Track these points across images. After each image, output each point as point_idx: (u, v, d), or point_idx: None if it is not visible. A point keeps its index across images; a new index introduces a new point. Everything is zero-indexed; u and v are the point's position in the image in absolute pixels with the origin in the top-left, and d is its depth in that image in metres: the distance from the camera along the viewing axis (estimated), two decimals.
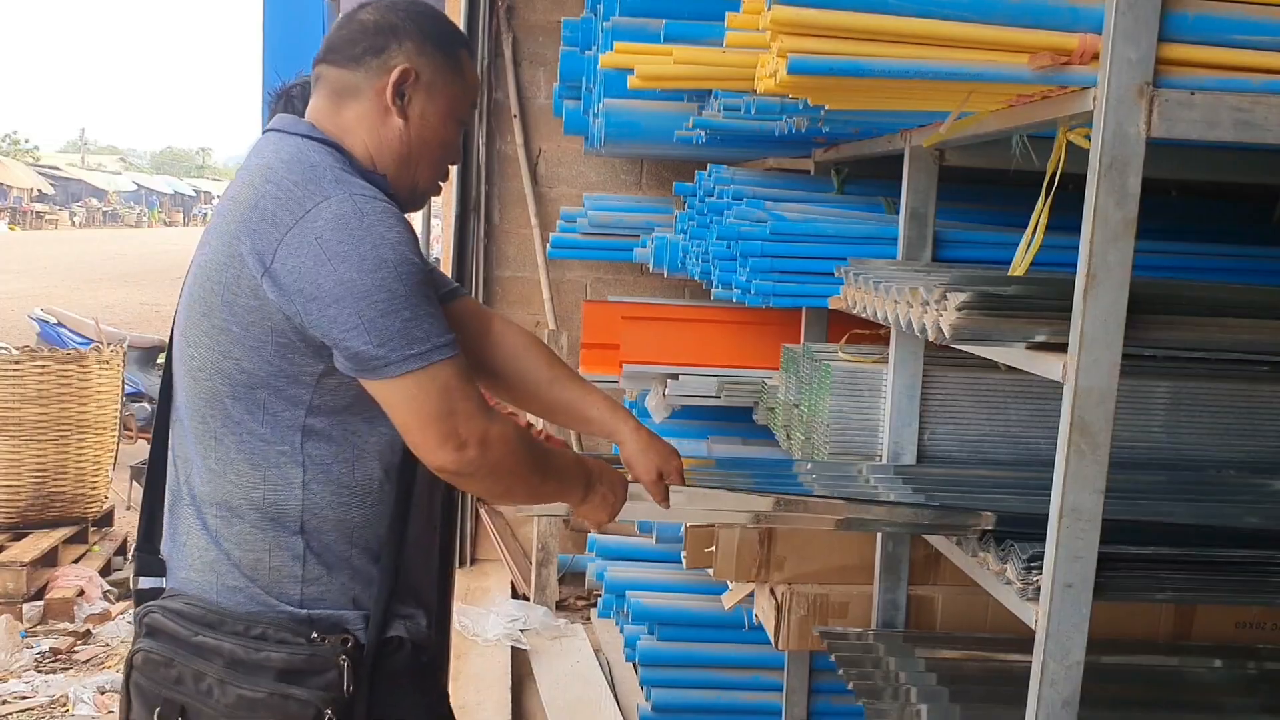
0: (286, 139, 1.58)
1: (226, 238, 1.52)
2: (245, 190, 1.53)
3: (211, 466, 1.57)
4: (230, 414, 1.55)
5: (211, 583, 1.58)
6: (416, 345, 1.47)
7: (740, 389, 3.18)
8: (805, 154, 3.11)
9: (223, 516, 1.58)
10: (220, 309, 1.52)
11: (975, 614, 2.48)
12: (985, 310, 1.68)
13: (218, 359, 1.53)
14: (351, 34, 1.62)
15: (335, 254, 1.44)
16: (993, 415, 2.33)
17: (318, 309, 1.45)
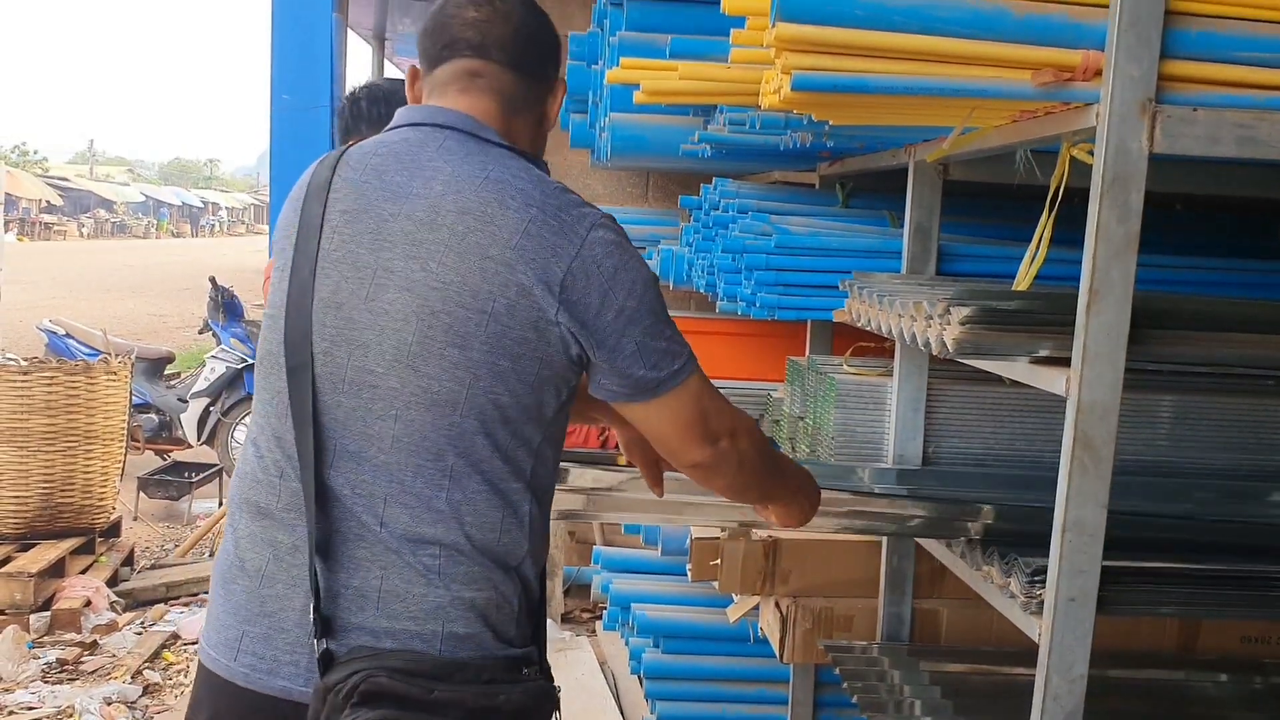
0: (488, 149, 1.49)
1: (487, 262, 1.41)
2: (488, 208, 1.42)
3: (440, 507, 1.45)
4: (478, 452, 1.45)
5: (437, 631, 1.45)
6: (678, 360, 1.49)
7: (745, 401, 3.18)
8: (810, 168, 3.12)
9: (449, 557, 1.45)
10: (483, 341, 1.41)
11: (980, 627, 2.48)
12: (989, 324, 1.69)
13: (474, 394, 1.43)
14: (527, 38, 1.55)
15: (614, 282, 1.44)
16: (997, 429, 2.34)
17: (610, 339, 1.45)
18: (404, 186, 1.45)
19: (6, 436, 5.29)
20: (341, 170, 1.50)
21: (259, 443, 1.52)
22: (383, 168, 1.47)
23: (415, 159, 1.47)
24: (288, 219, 1.54)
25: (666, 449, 1.55)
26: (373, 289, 1.44)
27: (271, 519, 1.49)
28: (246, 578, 1.49)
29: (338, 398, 1.45)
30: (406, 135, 1.50)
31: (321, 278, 1.46)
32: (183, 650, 4.56)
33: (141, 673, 4.28)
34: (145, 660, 4.38)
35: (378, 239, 1.44)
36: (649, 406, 1.50)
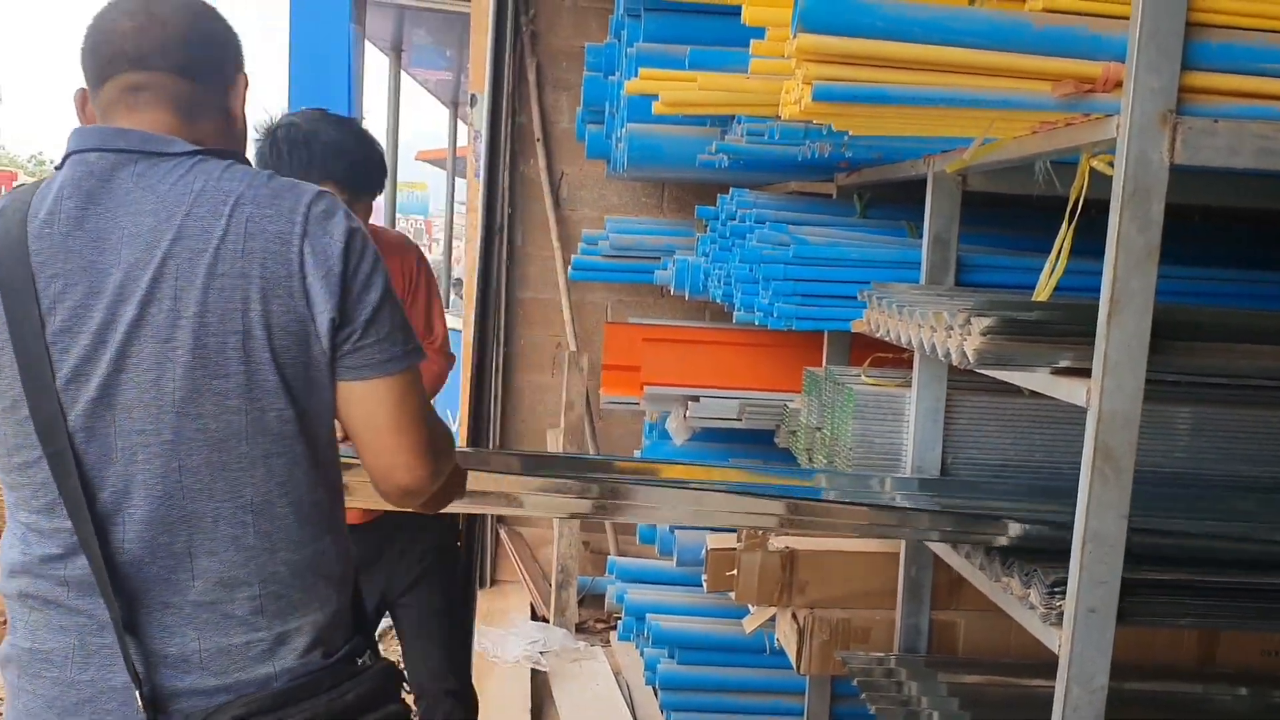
0: (182, 162, 1.39)
1: (222, 280, 1.34)
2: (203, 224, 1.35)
3: (250, 544, 1.41)
4: (275, 475, 1.42)
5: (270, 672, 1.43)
6: (410, 341, 1.49)
7: (762, 412, 3.19)
8: (828, 178, 3.12)
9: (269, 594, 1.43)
10: (244, 362, 1.36)
11: (998, 639, 2.48)
12: (1009, 335, 1.69)
13: (253, 419, 1.39)
14: (190, 40, 1.43)
15: (349, 251, 1.42)
16: (1016, 440, 2.33)
17: (360, 308, 1.43)
18: (112, 232, 1.34)
19: None
20: (34, 227, 1.35)
21: (28, 538, 1.40)
22: (81, 217, 1.35)
23: (112, 197, 1.35)
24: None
25: (383, 453, 1.44)
26: (118, 347, 1.33)
27: (62, 605, 1.39)
28: (54, 667, 1.39)
29: (111, 470, 1.35)
30: (92, 168, 1.37)
31: (57, 353, 1.33)
32: None
33: None
34: None
35: (103, 295, 1.33)
36: (379, 386, 1.41)
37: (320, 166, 2.34)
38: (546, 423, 4.98)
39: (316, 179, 2.32)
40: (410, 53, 8.77)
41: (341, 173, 2.35)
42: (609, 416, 4.88)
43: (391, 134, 9.04)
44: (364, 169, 2.40)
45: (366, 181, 2.41)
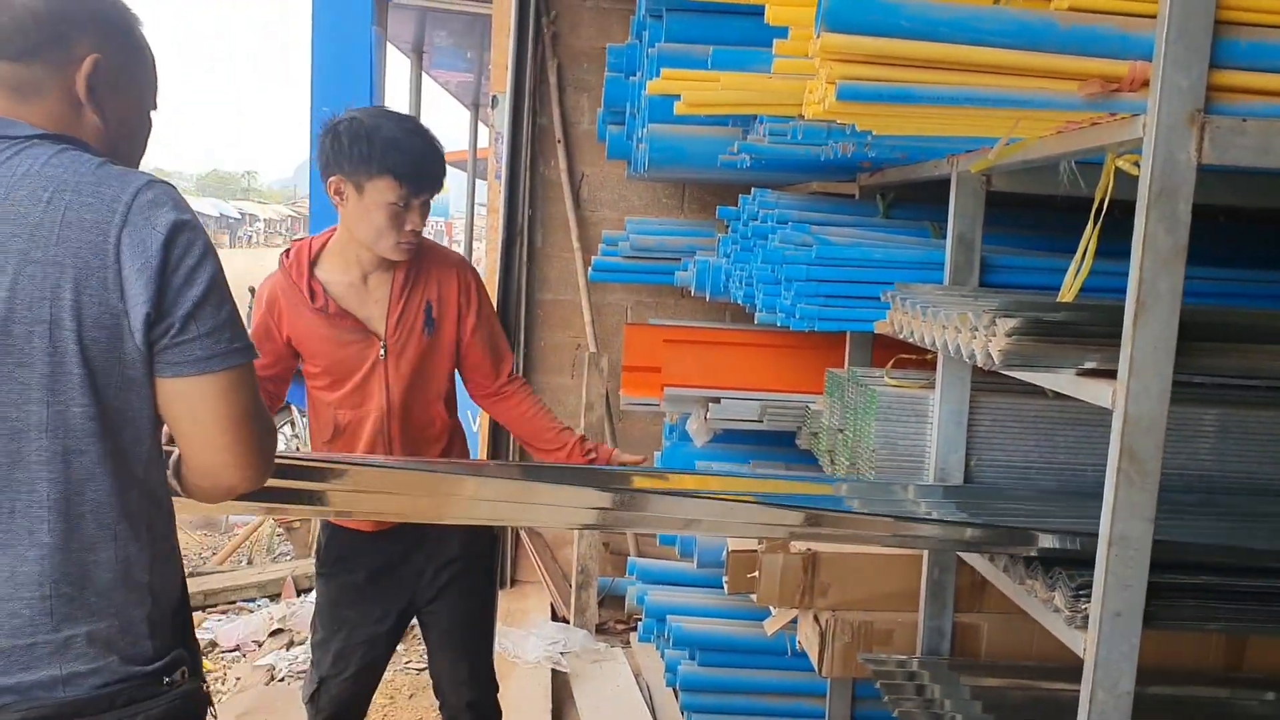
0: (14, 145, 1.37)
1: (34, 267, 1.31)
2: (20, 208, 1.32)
3: (45, 540, 1.37)
4: (77, 474, 1.38)
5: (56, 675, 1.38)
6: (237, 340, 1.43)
7: (783, 413, 3.18)
8: (850, 178, 3.11)
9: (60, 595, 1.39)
10: (48, 353, 1.33)
11: (1021, 642, 2.46)
12: (1035, 336, 1.68)
13: (55, 413, 1.35)
14: (20, 22, 1.38)
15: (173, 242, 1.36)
16: (1040, 442, 2.32)
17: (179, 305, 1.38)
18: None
19: None
20: None
21: None
22: None
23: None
24: None
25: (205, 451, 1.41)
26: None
27: None
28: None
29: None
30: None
31: None
32: (220, 658, 4.59)
33: None
34: None
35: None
36: (200, 383, 1.37)
37: (380, 160, 2.35)
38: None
39: (375, 173, 2.35)
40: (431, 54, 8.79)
41: (401, 168, 2.36)
42: (629, 418, 4.88)
43: None
44: (423, 166, 2.40)
45: (426, 179, 2.41)
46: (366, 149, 2.35)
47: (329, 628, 2.63)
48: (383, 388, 2.48)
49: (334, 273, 2.49)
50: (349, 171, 2.37)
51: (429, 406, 2.56)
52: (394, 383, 2.49)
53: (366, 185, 2.37)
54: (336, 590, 2.62)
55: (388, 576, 2.60)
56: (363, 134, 2.36)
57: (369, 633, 2.60)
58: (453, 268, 2.59)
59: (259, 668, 4.35)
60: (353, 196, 2.39)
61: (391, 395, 2.49)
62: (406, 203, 2.38)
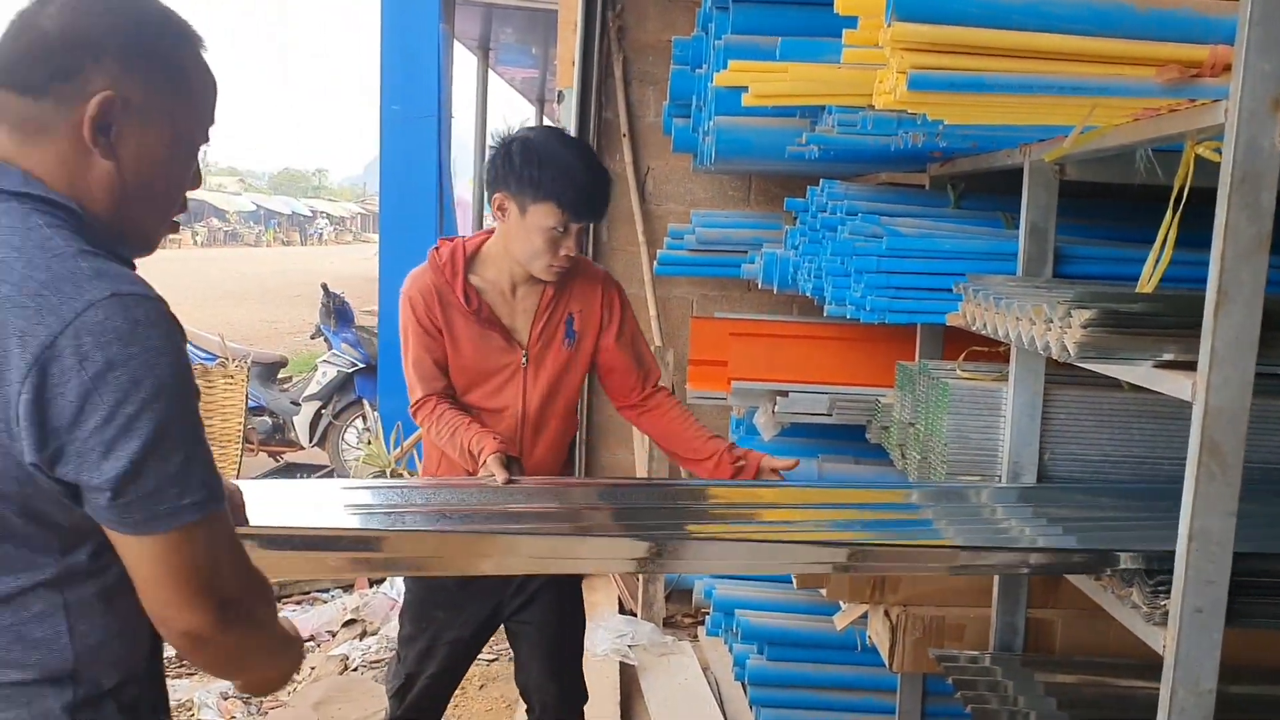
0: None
1: None
2: None
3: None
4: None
5: None
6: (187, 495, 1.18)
7: (853, 407, 3.15)
8: (919, 169, 3.08)
9: None
10: None
11: (1096, 638, 2.42)
12: (1111, 327, 1.65)
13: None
14: (32, 50, 1.20)
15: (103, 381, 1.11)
16: (1115, 435, 2.28)
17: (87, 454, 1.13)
18: None
19: None
20: None
21: None
22: None
23: None
24: None
25: (153, 603, 1.20)
26: None
27: None
28: None
29: None
30: None
31: None
32: None
33: None
34: None
35: None
36: (139, 543, 1.17)
37: (548, 186, 2.37)
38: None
39: (541, 198, 2.38)
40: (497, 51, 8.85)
41: (567, 196, 2.38)
42: (695, 412, 4.85)
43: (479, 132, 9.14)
44: (590, 196, 2.42)
45: (590, 209, 2.44)
46: (537, 173, 2.38)
47: (416, 625, 2.65)
48: (519, 394, 2.53)
49: (487, 279, 2.52)
50: (515, 191, 2.40)
51: (559, 414, 2.60)
52: (531, 390, 2.53)
53: (530, 207, 2.40)
54: (426, 590, 2.65)
55: (477, 582, 2.61)
56: (535, 158, 2.38)
57: (454, 635, 2.63)
58: (598, 283, 2.63)
59: (333, 658, 4.41)
60: (515, 215, 2.43)
61: (528, 402, 2.54)
62: (565, 228, 2.41)
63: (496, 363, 2.52)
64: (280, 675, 1.41)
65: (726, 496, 2.39)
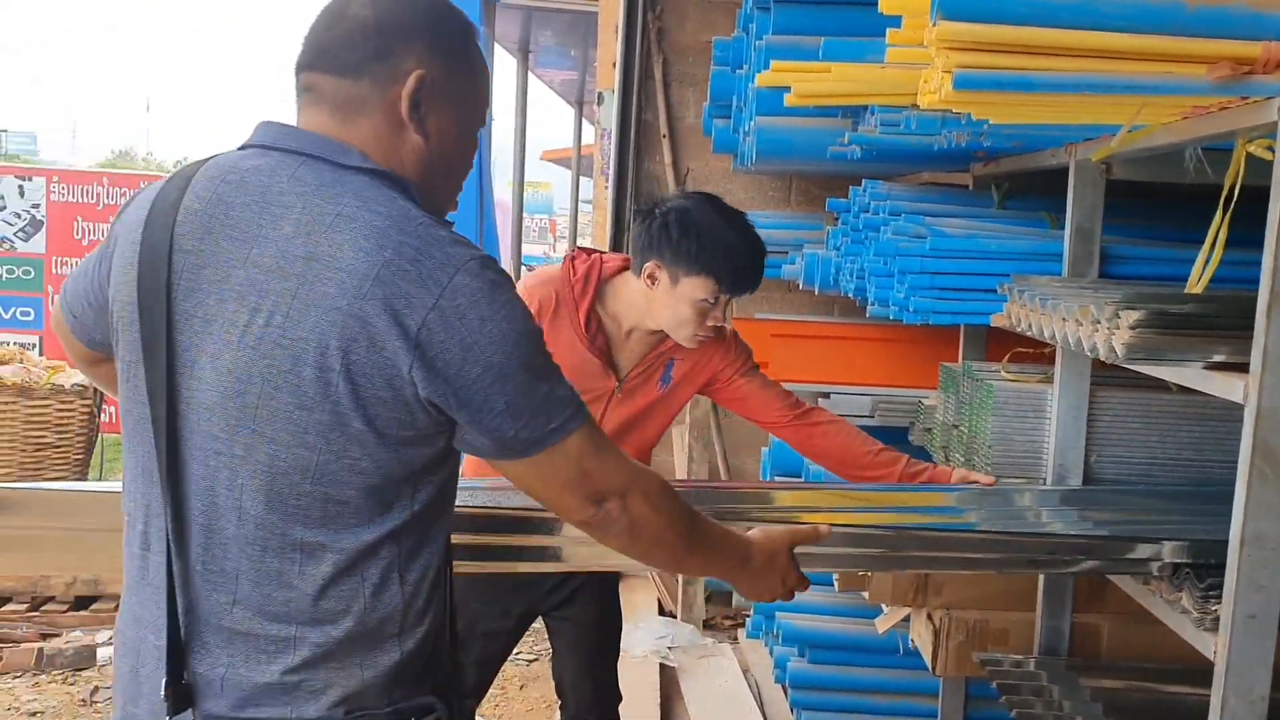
0: (345, 178, 1.30)
1: (335, 314, 1.23)
2: (338, 252, 1.24)
3: (295, 584, 1.32)
4: (335, 523, 1.31)
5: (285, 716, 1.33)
6: (555, 418, 1.31)
7: (895, 408, 3.14)
8: (963, 168, 3.06)
9: (302, 639, 1.33)
10: (333, 401, 1.25)
11: (1143, 643, 2.39)
12: (1160, 328, 1.63)
13: (325, 460, 1.27)
14: (349, 36, 1.33)
15: (481, 334, 1.25)
16: (1164, 438, 2.25)
17: (475, 398, 1.26)
18: (251, 226, 1.27)
19: None
20: (189, 198, 1.30)
21: (130, 510, 1.37)
22: (230, 200, 1.29)
23: (265, 193, 1.28)
24: (130, 240, 1.34)
25: (548, 505, 1.40)
26: (220, 344, 1.27)
27: (139, 594, 1.36)
28: (129, 655, 1.38)
29: (189, 465, 1.30)
30: (258, 162, 1.32)
31: (174, 329, 1.29)
32: None
33: None
34: None
35: (224, 288, 1.27)
36: (521, 465, 1.33)
37: (707, 262, 2.29)
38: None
39: (699, 273, 2.28)
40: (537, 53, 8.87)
41: (726, 273, 2.30)
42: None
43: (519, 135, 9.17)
44: (748, 272, 2.34)
45: (745, 285, 2.36)
46: (697, 248, 2.29)
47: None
48: (599, 416, 2.44)
49: (610, 313, 2.43)
50: (670, 261, 2.31)
51: (636, 449, 2.48)
52: (611, 416, 2.45)
53: (684, 279, 2.31)
54: (464, 580, 2.65)
55: (513, 576, 2.61)
56: (694, 231, 2.29)
57: (490, 627, 2.63)
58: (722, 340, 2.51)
59: None
60: (665, 284, 2.33)
61: (604, 424, 2.45)
62: (716, 299, 2.34)
63: (588, 383, 2.38)
64: (743, 581, 1.62)
65: (766, 499, 2.38)
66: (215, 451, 1.28)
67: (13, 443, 5.56)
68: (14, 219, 7.34)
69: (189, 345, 1.29)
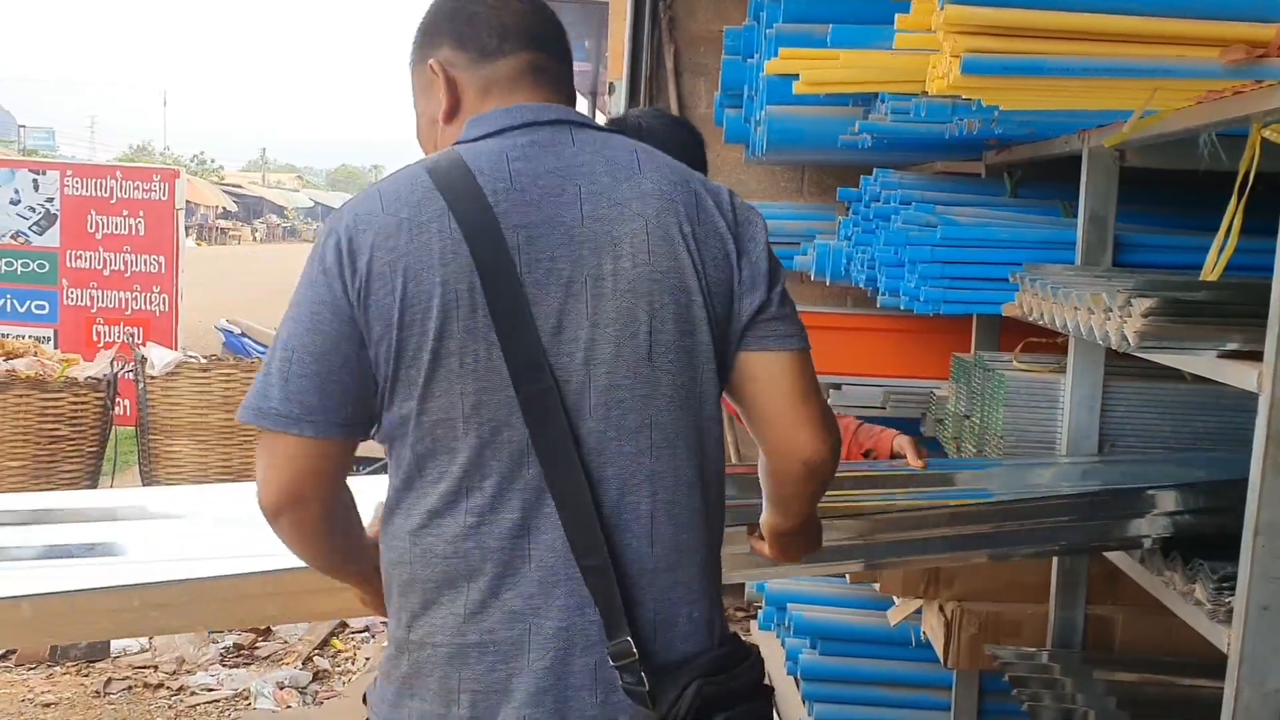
0: (608, 136, 1.44)
1: (686, 240, 1.36)
2: (661, 187, 1.37)
3: (698, 507, 1.39)
4: (714, 447, 1.42)
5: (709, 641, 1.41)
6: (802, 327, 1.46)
7: (907, 400, 3.12)
8: (975, 157, 3.03)
9: (707, 565, 1.42)
10: (705, 322, 1.37)
11: (1157, 636, 2.37)
12: (1173, 316, 1.61)
13: (707, 383, 1.38)
14: (554, 26, 1.48)
15: (759, 229, 1.45)
16: (1178, 428, 2.23)
17: (766, 280, 1.42)
18: (569, 188, 1.34)
19: (188, 430, 5.57)
20: (486, 183, 1.33)
21: (480, 511, 1.32)
22: (535, 173, 1.35)
23: (560, 159, 1.36)
24: (422, 245, 1.30)
25: (788, 430, 1.40)
26: (591, 301, 1.32)
27: (517, 589, 1.32)
28: (508, 658, 1.33)
29: (587, 425, 1.32)
30: (532, 137, 1.38)
31: (533, 304, 1.31)
32: (350, 638, 4.71)
33: (312, 659, 4.43)
34: (315, 647, 4.53)
35: (573, 249, 1.32)
36: (787, 359, 1.40)
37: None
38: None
39: None
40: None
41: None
42: None
43: None
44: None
45: None
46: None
47: None
48: None
49: None
50: None
51: None
52: None
53: None
54: None
55: None
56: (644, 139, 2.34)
57: None
58: None
59: (386, 648, 4.44)
60: None
61: None
62: None
63: None
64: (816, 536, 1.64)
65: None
66: (618, 401, 1.33)
67: (27, 436, 5.58)
68: (29, 213, 7.36)
69: (557, 312, 1.32)
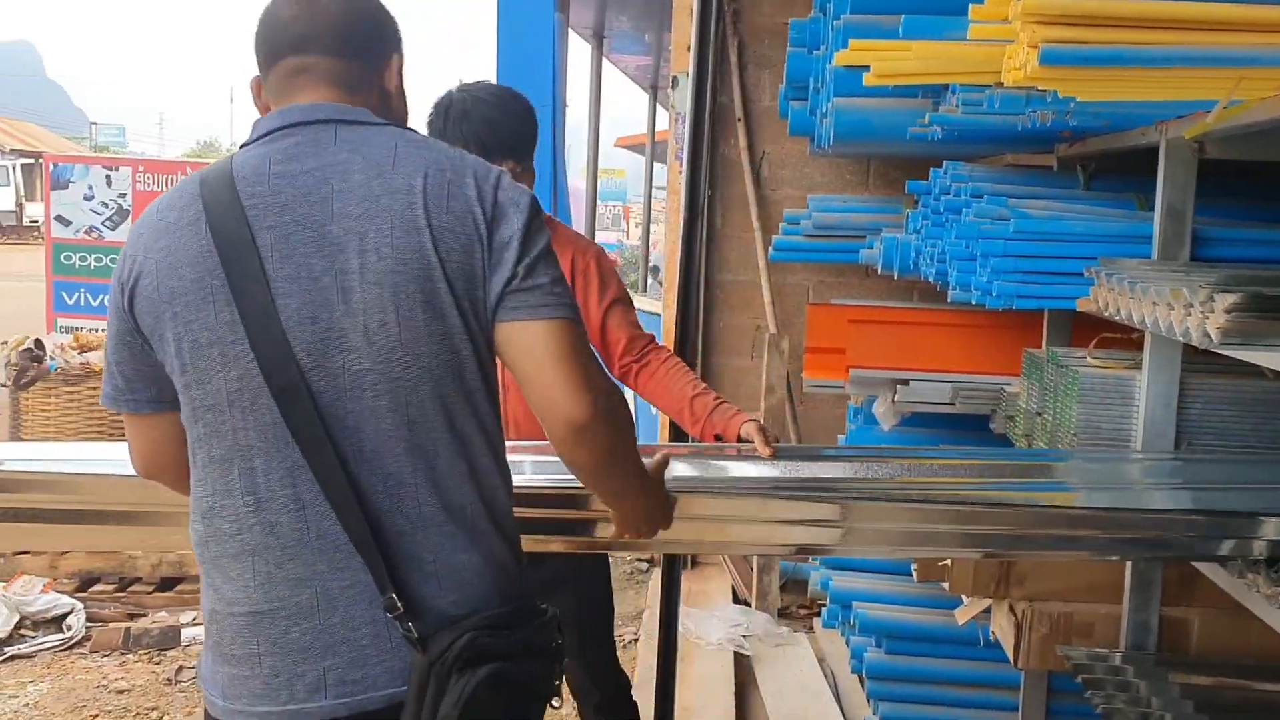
0: (373, 130, 1.52)
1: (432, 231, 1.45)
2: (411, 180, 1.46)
3: (462, 470, 1.50)
4: (478, 414, 1.52)
5: (489, 592, 1.52)
6: (564, 297, 1.50)
7: (976, 396, 3.07)
8: (1047, 149, 2.98)
9: (474, 521, 1.52)
10: (451, 304, 1.47)
11: (1236, 639, 2.32)
12: (1258, 312, 1.58)
13: (460, 359, 1.49)
14: (352, 25, 1.56)
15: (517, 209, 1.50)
16: (1259, 426, 2.17)
17: (519, 253, 1.48)
18: (322, 188, 1.46)
19: None
20: (244, 188, 1.47)
21: (254, 490, 1.48)
22: (291, 175, 1.47)
23: (319, 158, 1.47)
24: (179, 246, 1.48)
25: (545, 394, 1.47)
26: (341, 293, 1.44)
27: (299, 558, 1.48)
28: (300, 619, 1.48)
29: (344, 405, 1.45)
30: (294, 139, 1.49)
31: (282, 299, 1.44)
32: None
33: None
34: None
35: (323, 245, 1.44)
36: (537, 327, 1.46)
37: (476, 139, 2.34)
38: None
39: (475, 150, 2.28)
40: (611, 39, 8.84)
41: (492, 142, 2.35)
42: (811, 401, 4.81)
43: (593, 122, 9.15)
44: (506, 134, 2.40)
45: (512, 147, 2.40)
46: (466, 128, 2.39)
47: None
48: None
49: None
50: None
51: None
52: None
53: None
54: None
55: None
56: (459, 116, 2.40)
57: None
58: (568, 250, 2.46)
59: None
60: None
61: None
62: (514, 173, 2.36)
63: None
64: (649, 509, 1.70)
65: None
66: (372, 384, 1.45)
67: (100, 426, 5.69)
68: (101, 208, 7.51)
69: (307, 305, 1.44)
